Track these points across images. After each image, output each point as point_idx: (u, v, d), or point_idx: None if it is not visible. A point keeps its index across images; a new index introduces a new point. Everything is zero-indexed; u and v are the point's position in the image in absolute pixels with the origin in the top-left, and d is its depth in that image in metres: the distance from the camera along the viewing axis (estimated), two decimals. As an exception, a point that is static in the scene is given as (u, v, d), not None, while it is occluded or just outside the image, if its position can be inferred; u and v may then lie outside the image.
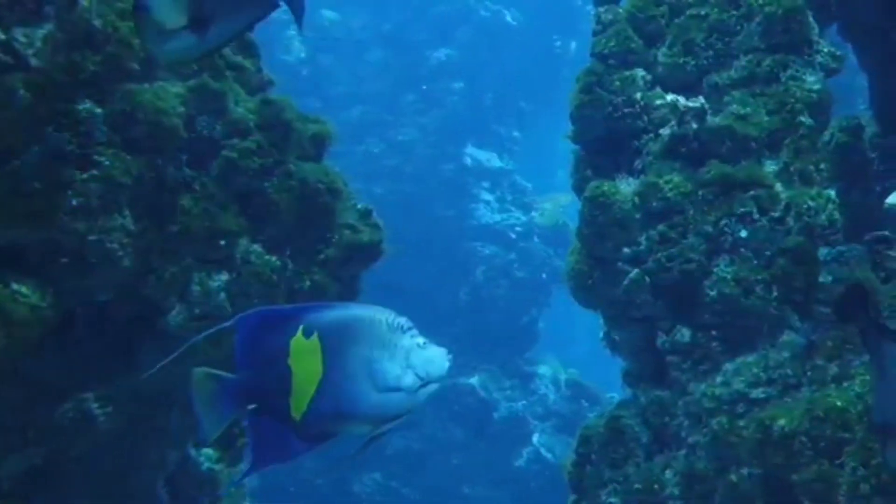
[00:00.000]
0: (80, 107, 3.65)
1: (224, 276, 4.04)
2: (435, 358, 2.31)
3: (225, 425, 2.27)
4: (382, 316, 2.29)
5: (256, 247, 4.14)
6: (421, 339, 2.31)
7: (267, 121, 4.24)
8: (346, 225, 4.40)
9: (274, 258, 4.17)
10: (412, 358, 2.29)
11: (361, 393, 2.27)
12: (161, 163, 3.86)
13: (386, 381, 2.28)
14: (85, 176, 3.60)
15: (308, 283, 4.23)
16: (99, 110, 3.69)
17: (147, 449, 4.36)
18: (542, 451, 11.57)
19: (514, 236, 13.14)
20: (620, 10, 4.97)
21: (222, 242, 4.00)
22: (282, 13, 3.02)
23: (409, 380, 2.29)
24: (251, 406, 2.25)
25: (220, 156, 4.09)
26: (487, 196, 13.43)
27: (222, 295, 4.01)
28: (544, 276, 12.60)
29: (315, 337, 2.25)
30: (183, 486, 4.69)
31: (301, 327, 2.25)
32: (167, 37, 2.70)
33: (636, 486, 4.39)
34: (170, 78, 4.02)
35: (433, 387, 2.32)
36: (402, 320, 2.30)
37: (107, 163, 3.65)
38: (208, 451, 4.90)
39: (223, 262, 4.04)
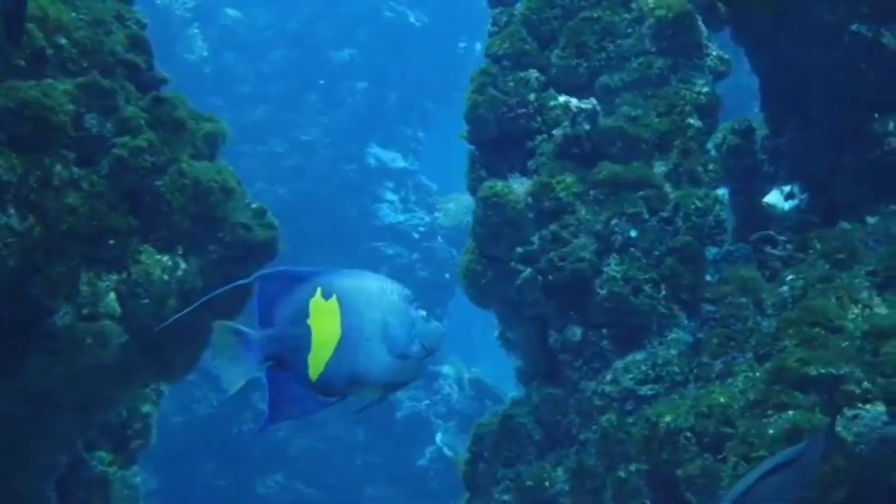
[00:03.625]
0: (-36, 103, 3.58)
1: (114, 277, 3.98)
2: (436, 330, 2.45)
3: (245, 380, 2.32)
4: (392, 285, 2.41)
5: (147, 246, 4.09)
6: (424, 312, 2.43)
7: (159, 119, 4.19)
8: (239, 224, 4.36)
9: (165, 258, 4.12)
10: (418, 328, 2.41)
11: (377, 356, 2.36)
12: (48, 161, 3.79)
13: (398, 347, 2.38)
14: (-32, 174, 3.53)
15: (200, 282, 4.19)
16: (-17, 107, 3.63)
17: (35, 451, 4.29)
18: (445, 450, 11.61)
19: (417, 236, 13.18)
20: (515, 12, 5.02)
21: (111, 242, 3.94)
22: (183, 11, 3.01)
23: (415, 348, 2.40)
24: (269, 363, 2.33)
25: (110, 154, 4.03)
26: (391, 196, 13.44)
27: (111, 295, 3.96)
28: (447, 276, 12.64)
29: (334, 299, 2.33)
30: (74, 488, 4.63)
31: (319, 289, 2.33)
32: None
33: (528, 483, 4.44)
34: (58, 75, 3.96)
35: (432, 358, 2.46)
36: (408, 292, 2.42)
37: (-9, 160, 3.59)
38: (101, 453, 4.84)
39: (112, 262, 3.97)
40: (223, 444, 11.16)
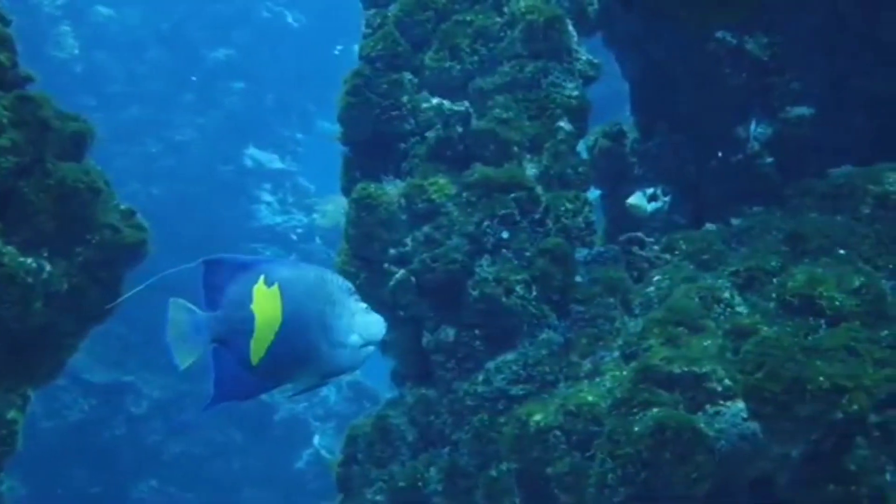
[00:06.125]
0: None
1: (-25, 279, 3.89)
2: (375, 322, 2.49)
3: (195, 357, 2.40)
4: (332, 276, 2.47)
5: (10, 248, 3.99)
6: (363, 304, 2.48)
7: (23, 118, 4.09)
8: (107, 225, 4.28)
9: (29, 260, 4.03)
10: (357, 319, 2.46)
11: (315, 344, 2.43)
12: None
13: (336, 337, 2.44)
14: None
15: (66, 285, 4.10)
16: None
17: None
18: (323, 452, 11.58)
19: (295, 238, 13.12)
20: (388, 14, 5.03)
21: (-28, 244, 3.84)
22: (53, 8, 2.93)
23: (354, 339, 2.45)
24: (215, 344, 2.41)
25: (-28, 154, 3.92)
26: (269, 197, 13.35)
27: (-28, 298, 3.86)
28: (326, 277, 12.60)
29: (276, 286, 2.40)
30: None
31: (262, 276, 2.41)
32: None
33: (401, 484, 4.44)
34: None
35: (371, 349, 2.50)
36: (348, 284, 2.48)
37: None
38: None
39: (-26, 265, 3.88)
40: (95, 449, 10.96)
